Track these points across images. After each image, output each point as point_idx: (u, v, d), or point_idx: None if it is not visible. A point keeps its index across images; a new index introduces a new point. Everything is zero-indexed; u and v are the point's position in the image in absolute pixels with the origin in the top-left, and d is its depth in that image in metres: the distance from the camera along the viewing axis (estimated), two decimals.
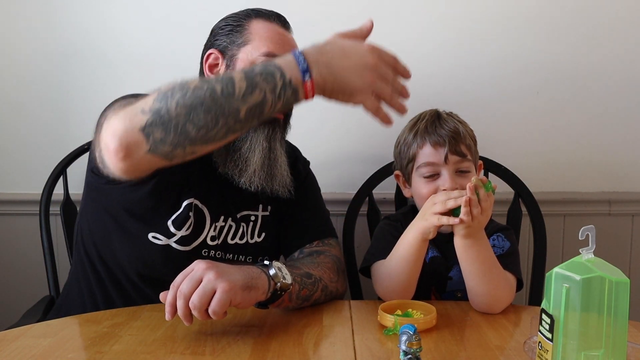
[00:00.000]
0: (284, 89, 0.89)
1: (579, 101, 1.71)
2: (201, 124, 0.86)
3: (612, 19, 1.68)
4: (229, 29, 1.21)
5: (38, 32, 1.66)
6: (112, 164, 0.89)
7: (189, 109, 0.85)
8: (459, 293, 1.25)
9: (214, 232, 1.19)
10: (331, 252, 1.26)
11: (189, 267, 0.95)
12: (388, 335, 0.99)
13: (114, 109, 0.96)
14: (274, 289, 1.00)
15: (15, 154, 1.71)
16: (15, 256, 1.73)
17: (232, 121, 0.88)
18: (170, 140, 0.86)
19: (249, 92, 0.87)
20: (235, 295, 0.92)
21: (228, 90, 0.87)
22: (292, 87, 0.90)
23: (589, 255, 0.78)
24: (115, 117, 0.88)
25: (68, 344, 0.93)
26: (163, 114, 0.85)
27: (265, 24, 1.20)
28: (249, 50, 1.17)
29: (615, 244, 1.76)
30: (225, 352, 0.91)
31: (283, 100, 0.90)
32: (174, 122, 0.85)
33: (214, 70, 1.21)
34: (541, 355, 0.79)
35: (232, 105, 0.87)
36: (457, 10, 1.67)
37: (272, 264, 1.03)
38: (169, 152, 0.88)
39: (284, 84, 0.89)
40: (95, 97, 1.68)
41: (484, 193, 1.06)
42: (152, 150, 0.87)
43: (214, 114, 0.86)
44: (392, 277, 1.17)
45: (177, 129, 0.85)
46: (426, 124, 1.27)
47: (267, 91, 0.88)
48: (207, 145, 0.90)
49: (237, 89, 0.87)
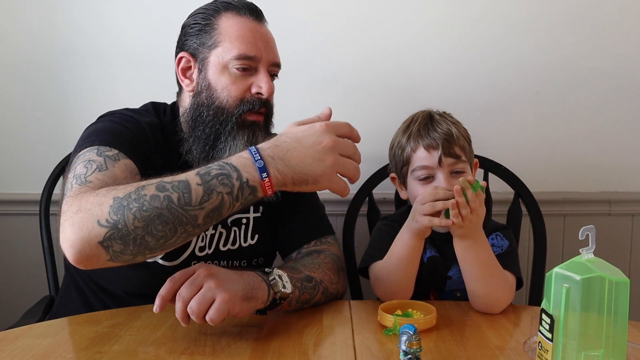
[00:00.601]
0: (242, 190, 0.88)
1: (579, 101, 1.71)
2: (160, 234, 0.85)
3: (612, 19, 1.68)
4: (198, 28, 1.17)
5: (38, 32, 1.66)
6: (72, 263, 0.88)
7: (146, 221, 0.84)
8: (458, 292, 1.25)
9: (202, 242, 1.17)
10: (330, 250, 1.25)
11: (191, 268, 0.95)
12: (388, 335, 0.99)
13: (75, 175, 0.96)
14: (273, 298, 1.00)
15: (15, 154, 1.71)
16: (15, 256, 1.73)
17: (191, 228, 0.87)
18: (129, 251, 0.86)
19: (206, 199, 0.86)
20: (233, 306, 0.92)
21: (185, 199, 0.85)
22: (250, 186, 0.88)
23: (589, 255, 0.77)
24: (70, 225, 0.86)
25: (68, 344, 0.93)
26: (121, 227, 0.84)
27: (235, 20, 1.15)
28: (220, 53, 1.13)
29: (615, 244, 1.76)
30: (225, 352, 0.91)
31: (241, 201, 0.89)
32: (132, 235, 0.84)
33: (187, 73, 1.18)
34: (541, 355, 0.79)
35: (189, 213, 0.86)
36: (457, 11, 1.67)
37: (273, 272, 1.02)
38: (129, 259, 0.87)
39: (240, 185, 0.88)
40: (95, 98, 1.69)
41: (472, 194, 1.06)
42: (112, 259, 0.86)
43: (172, 225, 0.85)
44: (389, 278, 1.17)
45: (136, 241, 0.85)
46: (419, 126, 1.26)
47: (224, 194, 0.87)
48: (167, 249, 0.89)
49: (193, 196, 0.86)
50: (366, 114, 1.69)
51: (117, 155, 1.02)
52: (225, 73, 1.14)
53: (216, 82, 1.14)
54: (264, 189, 0.89)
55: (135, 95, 1.66)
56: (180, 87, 1.23)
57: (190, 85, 1.18)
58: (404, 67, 1.68)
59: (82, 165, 0.98)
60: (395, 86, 1.69)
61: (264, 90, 1.14)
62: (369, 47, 1.67)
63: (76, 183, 0.95)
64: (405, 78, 1.69)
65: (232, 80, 1.13)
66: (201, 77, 1.16)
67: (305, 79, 1.66)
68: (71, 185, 0.95)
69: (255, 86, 1.14)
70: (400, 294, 1.16)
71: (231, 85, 1.13)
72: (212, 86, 1.14)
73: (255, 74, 1.15)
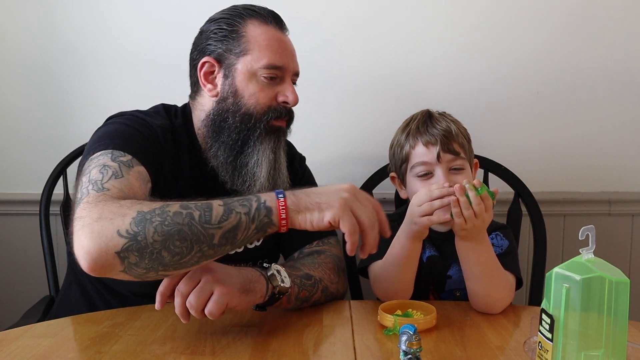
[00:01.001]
0: (258, 211, 0.90)
1: (579, 101, 1.71)
2: (176, 251, 0.86)
3: (612, 19, 1.68)
4: (223, 34, 1.17)
5: (37, 32, 1.66)
6: (85, 270, 0.88)
7: (166, 236, 0.86)
8: (458, 292, 1.25)
9: None
10: (332, 251, 1.26)
11: None
12: (388, 335, 0.99)
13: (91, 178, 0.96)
14: (271, 292, 1.01)
15: (15, 154, 1.71)
16: (15, 256, 1.73)
17: (206, 247, 0.88)
18: (144, 265, 0.86)
19: (225, 218, 0.89)
20: (232, 298, 0.93)
21: (205, 217, 0.88)
22: (266, 207, 0.91)
23: (589, 255, 0.77)
24: (88, 231, 0.86)
25: (68, 344, 0.93)
26: (140, 239, 0.85)
27: (263, 28, 1.16)
28: (248, 61, 1.15)
29: (615, 244, 1.76)
30: (225, 352, 0.91)
31: (257, 223, 0.90)
32: (150, 248, 0.85)
33: (209, 78, 1.18)
34: (541, 355, 0.79)
35: (207, 231, 0.87)
36: (457, 11, 1.67)
37: (272, 266, 1.03)
38: (141, 274, 0.88)
39: (258, 205, 0.91)
40: (95, 98, 1.69)
41: (475, 196, 1.05)
42: (125, 271, 0.87)
43: (189, 242, 0.87)
44: (388, 279, 1.17)
45: (152, 255, 0.86)
46: (418, 124, 1.27)
47: (242, 214, 0.90)
48: (178, 269, 0.89)
49: (214, 214, 0.88)
50: (366, 114, 1.69)
51: (130, 161, 1.03)
52: (253, 81, 1.15)
53: (244, 89, 1.15)
54: (279, 210, 0.91)
55: (135, 95, 1.67)
56: (195, 90, 1.22)
57: (214, 90, 1.18)
58: (405, 68, 1.68)
59: (97, 170, 0.98)
60: (396, 87, 1.69)
61: (291, 100, 1.18)
62: (370, 49, 1.68)
63: (93, 189, 0.94)
64: (405, 79, 1.69)
65: (260, 88, 1.16)
66: (227, 83, 1.17)
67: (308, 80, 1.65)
68: (87, 190, 0.94)
69: (282, 95, 1.17)
70: (400, 294, 1.16)
71: (259, 92, 1.15)
72: (240, 93, 1.16)
73: (281, 83, 1.18)
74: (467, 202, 1.05)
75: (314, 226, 0.92)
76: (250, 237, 0.91)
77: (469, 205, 1.05)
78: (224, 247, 0.90)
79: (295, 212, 0.92)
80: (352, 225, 0.92)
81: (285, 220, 0.91)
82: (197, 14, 1.64)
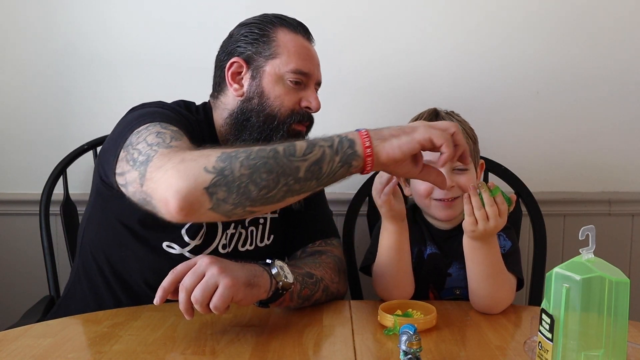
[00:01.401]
0: (341, 144, 0.91)
1: (578, 101, 1.71)
2: (263, 184, 0.87)
3: (612, 20, 1.68)
4: (254, 37, 1.20)
5: (37, 32, 1.66)
6: (170, 216, 0.89)
7: (252, 169, 0.87)
8: (458, 290, 1.25)
9: (225, 240, 1.19)
10: (333, 252, 1.27)
11: (192, 260, 0.95)
12: (388, 335, 0.99)
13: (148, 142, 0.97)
14: (275, 287, 1.01)
15: (15, 154, 1.71)
16: (15, 256, 1.73)
17: (292, 181, 0.89)
18: (232, 200, 0.87)
19: (309, 151, 0.90)
20: (237, 292, 0.93)
21: (290, 150, 0.89)
22: (349, 139, 0.91)
23: (589, 255, 0.78)
24: (174, 172, 0.87)
25: (68, 344, 0.93)
26: (227, 173, 0.86)
27: (292, 36, 1.20)
28: (277, 64, 1.18)
29: (615, 244, 1.76)
30: (225, 352, 0.91)
31: (341, 154, 0.91)
32: (237, 182, 0.86)
33: (236, 78, 1.21)
34: (541, 355, 0.79)
35: (292, 164, 0.89)
36: (457, 12, 1.67)
37: (274, 262, 1.03)
38: (229, 210, 0.88)
39: (340, 140, 0.92)
40: (95, 97, 1.69)
41: (488, 197, 1.03)
42: (213, 208, 0.87)
43: (276, 174, 0.87)
44: (385, 273, 1.17)
45: (239, 189, 0.86)
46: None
47: (326, 147, 0.91)
48: (265, 206, 0.90)
49: (297, 148, 0.90)
50: (367, 114, 1.69)
51: (180, 132, 1.03)
52: (280, 84, 1.18)
53: (270, 91, 1.18)
54: (362, 139, 0.91)
55: (136, 95, 1.66)
56: (219, 89, 1.24)
57: (240, 90, 1.20)
58: (405, 69, 1.68)
59: (153, 136, 0.98)
60: (396, 87, 1.69)
61: (313, 106, 1.21)
62: (370, 50, 1.68)
63: (159, 148, 0.95)
64: (405, 79, 1.69)
65: (286, 92, 1.19)
66: (254, 84, 1.19)
67: None
68: (153, 151, 0.95)
69: (305, 100, 1.21)
70: (400, 288, 1.16)
71: (284, 96, 1.19)
72: (266, 94, 1.18)
73: (305, 89, 1.21)
74: (479, 203, 1.04)
75: (404, 151, 0.91)
76: (335, 170, 0.91)
77: (481, 206, 1.04)
78: (309, 181, 0.90)
79: (379, 141, 0.92)
80: (446, 137, 0.93)
81: (370, 149, 0.91)
82: (197, 14, 1.66)
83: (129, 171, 0.97)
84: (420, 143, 0.92)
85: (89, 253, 1.20)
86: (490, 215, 1.03)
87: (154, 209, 0.91)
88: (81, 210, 1.56)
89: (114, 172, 1.03)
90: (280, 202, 0.90)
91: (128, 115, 1.14)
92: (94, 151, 1.56)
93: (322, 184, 0.92)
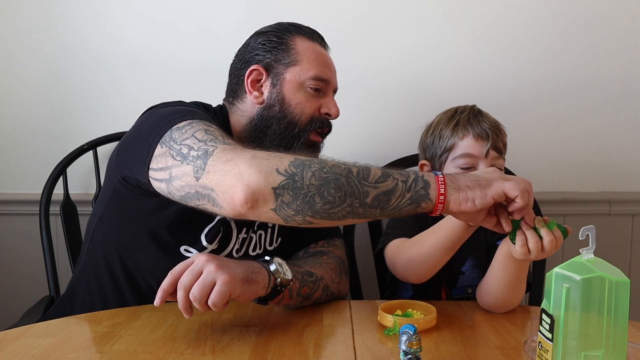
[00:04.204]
0: (415, 182, 0.92)
1: (579, 102, 1.71)
2: (329, 199, 0.88)
3: (612, 20, 1.68)
4: (272, 45, 1.21)
5: (37, 33, 1.66)
6: (232, 209, 0.90)
7: (322, 182, 0.88)
8: (470, 289, 1.24)
9: (238, 245, 1.20)
10: (335, 253, 1.27)
11: (189, 259, 0.95)
12: (388, 335, 0.99)
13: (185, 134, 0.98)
14: (274, 284, 1.01)
15: (15, 154, 1.71)
16: (15, 256, 1.73)
17: (358, 204, 0.90)
18: (295, 206, 0.89)
19: (382, 180, 0.91)
20: (235, 288, 0.93)
21: (363, 174, 0.91)
22: (424, 180, 0.92)
23: (589, 255, 0.78)
24: (246, 166, 0.89)
25: (68, 344, 0.93)
26: (297, 179, 0.88)
27: (310, 43, 1.22)
28: (297, 72, 1.19)
29: (615, 244, 1.76)
30: (225, 352, 0.91)
31: (412, 192, 0.92)
32: (305, 190, 0.88)
33: (255, 85, 1.21)
34: (541, 355, 0.79)
35: (363, 187, 0.90)
36: (459, 13, 1.67)
37: (273, 259, 1.03)
38: (289, 216, 0.90)
39: (416, 177, 0.93)
40: (95, 98, 1.69)
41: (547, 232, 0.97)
42: (276, 210, 0.89)
43: (343, 193, 0.89)
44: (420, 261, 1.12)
45: (305, 198, 0.88)
46: (468, 116, 1.27)
47: (400, 181, 0.92)
48: (325, 220, 0.91)
49: (372, 174, 0.91)
50: (374, 116, 1.70)
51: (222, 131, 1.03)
52: (301, 91, 1.19)
53: (291, 98, 1.19)
54: (437, 185, 0.92)
55: (136, 94, 1.67)
56: (235, 96, 1.24)
57: (260, 98, 1.21)
58: (409, 72, 1.68)
59: (202, 132, 0.99)
60: (400, 90, 1.70)
61: (333, 113, 1.22)
62: (378, 54, 1.68)
63: (218, 143, 0.96)
64: (409, 82, 1.70)
65: (307, 99, 1.20)
66: (275, 91, 1.20)
67: None
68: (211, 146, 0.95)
69: (325, 107, 1.22)
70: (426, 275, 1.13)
71: (305, 103, 1.20)
72: (287, 101, 1.19)
73: (324, 96, 1.22)
74: (535, 235, 0.98)
75: (476, 205, 0.92)
76: (403, 206, 0.92)
77: (538, 239, 0.98)
78: (374, 209, 0.91)
79: (454, 190, 0.93)
80: (521, 188, 0.93)
81: (444, 196, 0.92)
82: (197, 16, 1.66)
83: (177, 166, 0.97)
84: (494, 199, 0.93)
85: (99, 252, 1.18)
86: (547, 249, 0.98)
87: (211, 202, 0.93)
88: (81, 210, 1.57)
89: (148, 167, 1.02)
90: (340, 221, 0.92)
91: (153, 113, 1.13)
92: (94, 151, 1.56)
93: (385, 215, 0.94)
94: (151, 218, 1.12)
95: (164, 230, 1.12)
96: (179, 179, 0.97)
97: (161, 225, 1.12)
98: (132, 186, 1.09)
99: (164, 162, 1.00)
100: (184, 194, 0.97)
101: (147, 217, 1.13)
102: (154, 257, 1.13)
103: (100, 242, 1.19)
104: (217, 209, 0.93)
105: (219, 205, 0.92)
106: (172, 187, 0.98)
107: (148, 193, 1.06)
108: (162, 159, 1.00)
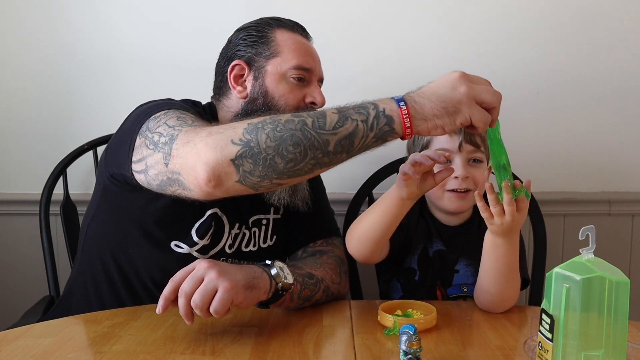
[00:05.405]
0: (377, 119, 0.88)
1: (578, 101, 1.71)
2: (290, 157, 0.86)
3: (611, 20, 1.68)
4: (253, 39, 1.21)
5: (37, 33, 1.66)
6: (199, 189, 0.89)
7: (278, 141, 0.85)
8: (465, 287, 1.25)
9: (231, 240, 1.19)
10: (334, 252, 1.27)
11: (190, 265, 0.95)
12: (388, 335, 0.99)
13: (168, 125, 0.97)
14: (275, 288, 1.01)
15: (15, 154, 1.71)
16: (15, 256, 1.73)
17: (320, 154, 0.87)
18: (258, 172, 0.86)
19: (340, 124, 0.87)
20: (236, 295, 0.93)
21: (319, 123, 0.87)
22: (386, 115, 0.88)
23: (589, 255, 0.78)
24: (203, 145, 0.88)
25: (68, 344, 0.93)
26: (253, 145, 0.86)
27: (290, 34, 1.21)
28: (278, 63, 1.18)
29: (615, 244, 1.76)
30: (225, 352, 0.91)
31: (376, 131, 0.88)
32: (263, 154, 0.86)
33: (238, 80, 1.21)
34: (541, 355, 0.79)
35: (321, 137, 0.86)
36: (460, 14, 1.67)
37: (274, 263, 1.03)
38: (256, 183, 0.88)
39: (376, 114, 0.88)
40: (95, 97, 1.69)
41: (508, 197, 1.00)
42: (240, 180, 0.87)
43: (303, 147, 0.86)
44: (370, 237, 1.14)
45: (265, 161, 0.86)
46: None
47: (359, 121, 0.88)
48: (292, 178, 0.89)
49: (328, 121, 0.87)
50: None
51: (198, 118, 1.03)
52: (283, 82, 1.19)
53: (274, 90, 1.19)
54: (402, 119, 0.88)
55: (136, 95, 1.66)
56: (220, 92, 1.25)
57: (244, 92, 1.21)
58: (408, 69, 1.68)
59: (173, 120, 0.98)
60: (398, 87, 1.63)
61: (318, 101, 1.21)
62: (374, 51, 1.68)
63: (182, 127, 0.95)
64: (407, 80, 1.65)
65: (290, 89, 1.19)
66: (257, 85, 1.20)
67: None
68: (177, 130, 0.94)
69: (310, 96, 1.21)
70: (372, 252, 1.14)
71: (289, 94, 1.19)
72: (270, 93, 1.19)
73: (308, 86, 1.21)
74: (496, 199, 1.01)
75: (446, 130, 0.91)
76: (368, 145, 0.89)
77: (498, 202, 1.01)
78: (339, 155, 0.88)
79: (421, 121, 0.89)
80: (484, 117, 0.92)
81: (410, 129, 0.88)
82: (196, 16, 1.66)
83: (150, 155, 0.97)
84: (462, 124, 0.91)
85: (93, 251, 1.19)
86: (510, 212, 1.01)
87: (181, 186, 0.91)
88: (81, 210, 1.56)
89: (130, 160, 1.02)
90: (309, 174, 0.89)
91: (138, 109, 1.13)
92: (94, 151, 1.56)
93: (352, 156, 0.91)
94: (140, 213, 1.13)
95: (154, 225, 1.13)
96: (152, 168, 0.96)
97: (150, 221, 1.12)
98: (120, 182, 1.09)
99: (141, 153, 1.00)
100: (159, 182, 0.96)
101: (136, 212, 1.13)
102: (146, 253, 1.13)
103: (94, 241, 1.19)
104: (187, 193, 0.92)
105: (188, 188, 0.91)
106: (149, 177, 0.98)
107: (135, 188, 1.05)
108: (139, 150, 1.00)
